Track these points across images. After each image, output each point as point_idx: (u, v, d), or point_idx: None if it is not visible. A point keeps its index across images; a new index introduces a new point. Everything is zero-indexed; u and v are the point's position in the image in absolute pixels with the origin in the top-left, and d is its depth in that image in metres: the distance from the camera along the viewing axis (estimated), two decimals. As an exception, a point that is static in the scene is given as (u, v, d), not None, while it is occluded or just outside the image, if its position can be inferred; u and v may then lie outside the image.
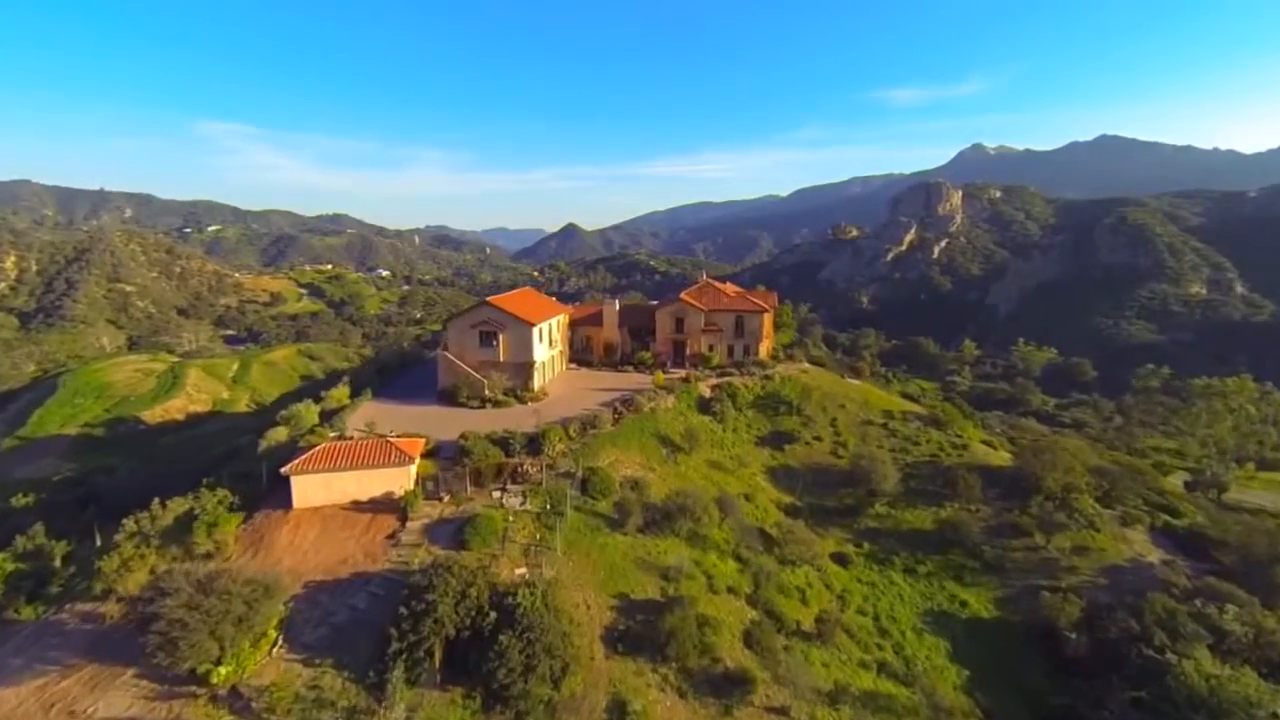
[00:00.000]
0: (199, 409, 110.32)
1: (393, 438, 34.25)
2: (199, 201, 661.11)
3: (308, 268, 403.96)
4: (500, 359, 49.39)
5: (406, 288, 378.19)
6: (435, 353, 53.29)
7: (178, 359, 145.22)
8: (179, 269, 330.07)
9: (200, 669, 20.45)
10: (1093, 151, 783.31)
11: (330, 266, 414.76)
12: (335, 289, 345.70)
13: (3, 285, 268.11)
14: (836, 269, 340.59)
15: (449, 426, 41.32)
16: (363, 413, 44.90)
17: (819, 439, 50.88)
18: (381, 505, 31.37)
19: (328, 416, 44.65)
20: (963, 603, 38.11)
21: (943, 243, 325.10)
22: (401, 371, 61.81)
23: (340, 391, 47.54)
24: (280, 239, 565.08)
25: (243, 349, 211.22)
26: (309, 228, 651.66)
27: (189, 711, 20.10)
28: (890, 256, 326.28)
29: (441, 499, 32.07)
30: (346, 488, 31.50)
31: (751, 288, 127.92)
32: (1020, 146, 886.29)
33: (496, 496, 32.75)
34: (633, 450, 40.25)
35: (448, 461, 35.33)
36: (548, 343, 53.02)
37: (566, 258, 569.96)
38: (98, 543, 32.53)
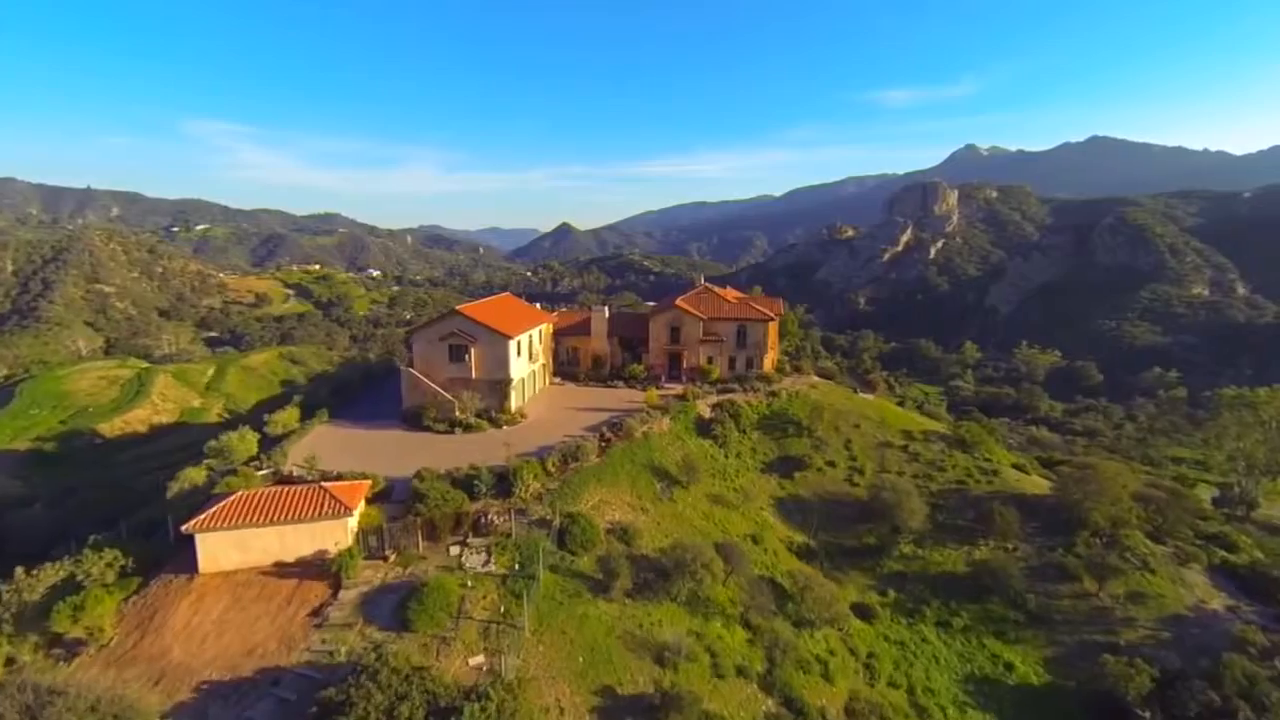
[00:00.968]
0: (164, 419, 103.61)
1: (329, 483, 28.26)
2: (187, 200, 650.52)
3: (295, 268, 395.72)
4: (472, 376, 43.50)
5: (397, 288, 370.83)
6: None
7: (147, 365, 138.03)
8: (161, 269, 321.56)
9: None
10: (1085, 152, 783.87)
11: (318, 266, 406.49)
12: (323, 289, 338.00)
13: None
14: (833, 269, 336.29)
15: (409, 457, 35.50)
16: (311, 440, 38.96)
17: (832, 464, 45.27)
18: (311, 569, 25.48)
19: (271, 444, 38.68)
20: (1008, 665, 32.57)
21: (939, 243, 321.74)
22: (368, 386, 55.85)
23: (287, 414, 41.49)
24: (270, 239, 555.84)
25: (219, 352, 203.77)
26: (300, 227, 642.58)
27: None
28: (886, 257, 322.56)
29: (386, 558, 26.21)
30: (267, 547, 25.59)
31: (748, 289, 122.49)
32: (1013, 147, 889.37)
33: (455, 554, 26.91)
34: (621, 486, 34.46)
35: (399, 506, 29.46)
36: (527, 356, 47.17)
37: (560, 258, 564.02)
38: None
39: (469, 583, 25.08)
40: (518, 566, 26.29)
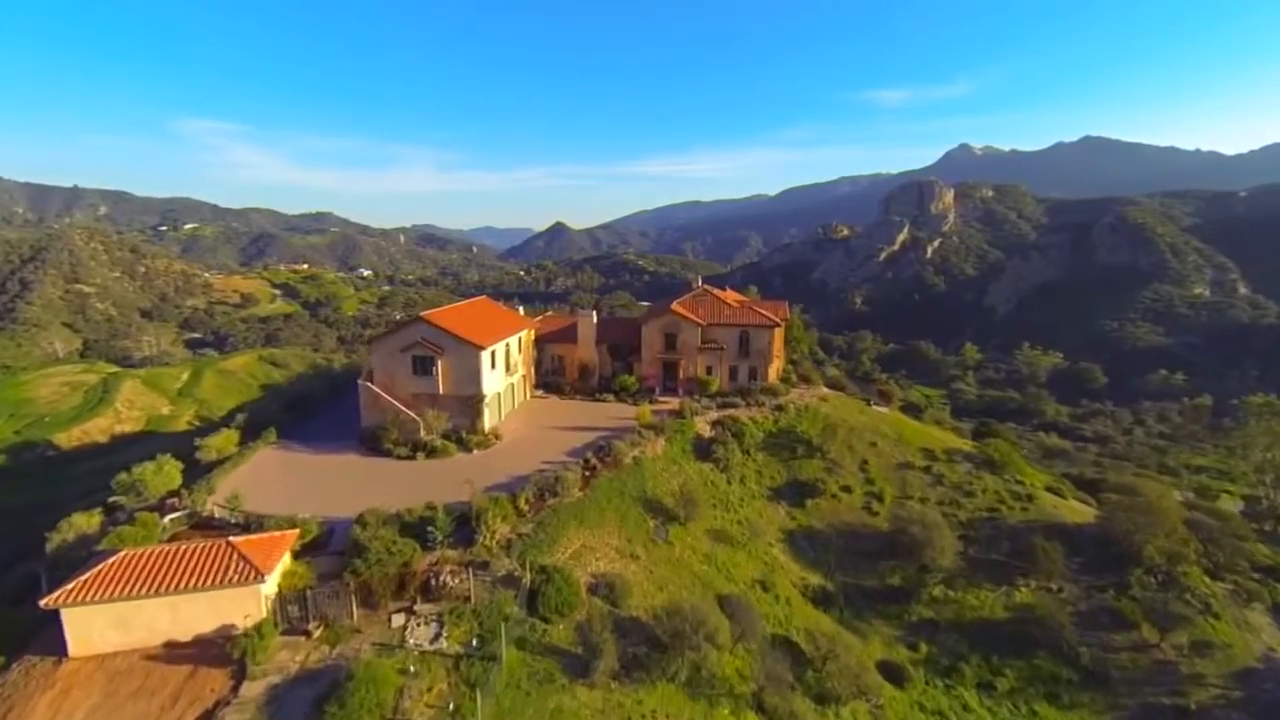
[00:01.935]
0: (127, 428, 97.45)
1: (243, 537, 22.87)
2: (177, 199, 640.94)
3: (282, 267, 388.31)
4: (439, 391, 38.13)
5: (388, 288, 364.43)
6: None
7: (116, 369, 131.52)
8: (144, 269, 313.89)
9: None
10: (1078, 152, 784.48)
11: (306, 266, 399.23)
12: (311, 289, 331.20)
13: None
14: (828, 269, 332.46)
15: (359, 490, 30.20)
16: (250, 469, 33.58)
17: (847, 490, 40.18)
18: (211, 650, 20.15)
19: (204, 473, 33.27)
20: (1064, 738, 27.65)
21: (936, 242, 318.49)
22: (333, 399, 50.44)
23: (223, 438, 35.98)
24: (260, 238, 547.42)
25: (200, 354, 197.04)
26: (291, 226, 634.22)
27: None
28: (883, 256, 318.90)
29: (309, 633, 20.88)
30: (156, 623, 20.23)
31: (743, 289, 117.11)
32: (1007, 147, 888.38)
33: (398, 624, 21.63)
34: (608, 527, 29.22)
35: (336, 560, 24.15)
36: (503, 368, 41.81)
37: (554, 257, 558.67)
38: None
39: (412, 667, 19.82)
40: (476, 642, 21.05)
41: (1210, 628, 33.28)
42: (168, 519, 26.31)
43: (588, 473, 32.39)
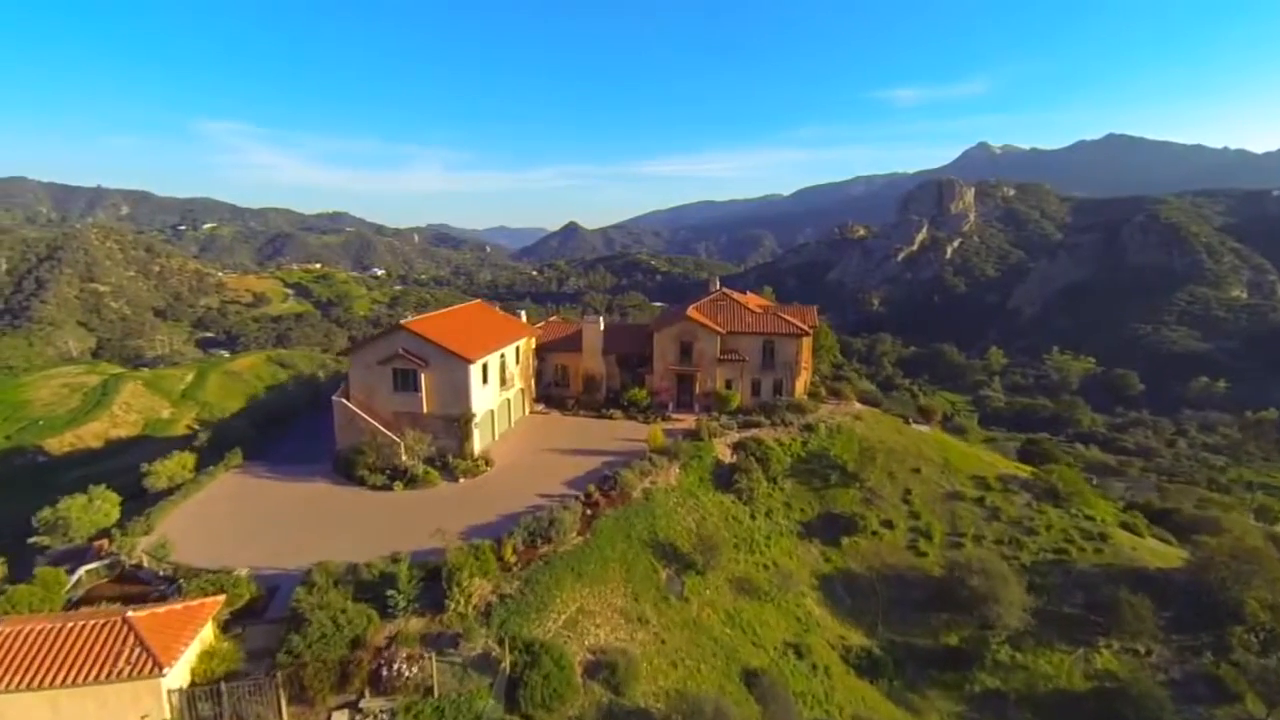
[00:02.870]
0: (123, 433, 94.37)
1: (140, 613, 18.21)
2: (196, 199, 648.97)
3: (295, 267, 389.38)
4: (423, 410, 33.56)
5: (400, 287, 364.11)
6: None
7: (120, 370, 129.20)
8: (158, 268, 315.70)
9: None
10: (1101, 150, 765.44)
11: (319, 265, 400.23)
12: (323, 289, 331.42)
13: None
14: (845, 269, 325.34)
15: (320, 532, 25.72)
16: (201, 501, 29.24)
17: (889, 525, 34.97)
18: (93, 765, 15.58)
19: (150, 503, 28.98)
20: None
21: (956, 242, 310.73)
22: (314, 412, 46.12)
23: (176, 462, 31.65)
24: (277, 237, 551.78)
25: (210, 354, 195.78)
26: (307, 226, 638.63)
27: None
28: (901, 257, 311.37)
29: (224, 741, 16.26)
30: (25, 727, 15.73)
31: (757, 289, 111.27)
32: (1026, 145, 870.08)
33: (340, 726, 16.93)
34: (611, 581, 24.39)
35: (274, 629, 19.54)
36: (497, 382, 37.17)
37: (567, 257, 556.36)
38: None
39: (351, 792, 15.14)
40: (437, 753, 16.30)
41: (1335, 704, 27.68)
42: (83, 571, 21.93)
43: (589, 510, 27.56)
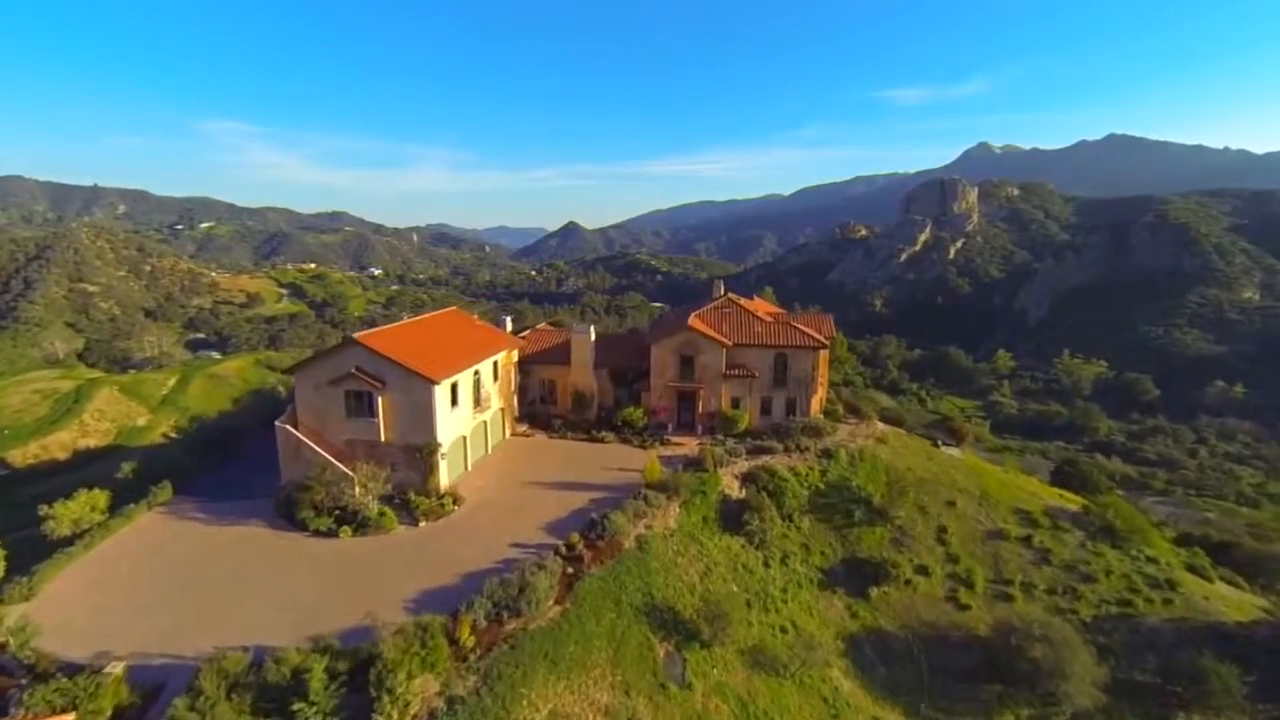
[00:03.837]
0: (93, 443, 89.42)
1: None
2: (195, 198, 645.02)
3: (289, 266, 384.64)
4: (381, 439, 28.75)
5: (396, 287, 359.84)
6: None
7: (97, 374, 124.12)
8: (149, 268, 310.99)
9: None
10: (1103, 150, 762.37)
11: (314, 265, 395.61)
12: (317, 289, 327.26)
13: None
14: (846, 270, 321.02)
15: (242, 597, 20.87)
16: (106, 552, 24.37)
17: (924, 571, 30.15)
18: None
19: (44, 555, 24.15)
20: None
21: (959, 242, 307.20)
22: (266, 434, 41.17)
23: (82, 503, 26.69)
24: (274, 236, 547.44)
25: (200, 356, 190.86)
26: (306, 225, 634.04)
27: None
28: (904, 257, 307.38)
29: None
30: None
31: (758, 289, 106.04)
32: (1027, 145, 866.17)
33: None
34: (596, 667, 19.57)
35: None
36: (469, 403, 32.32)
37: (567, 257, 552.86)
38: None
39: None
40: None
41: None
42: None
43: (570, 569, 22.72)
